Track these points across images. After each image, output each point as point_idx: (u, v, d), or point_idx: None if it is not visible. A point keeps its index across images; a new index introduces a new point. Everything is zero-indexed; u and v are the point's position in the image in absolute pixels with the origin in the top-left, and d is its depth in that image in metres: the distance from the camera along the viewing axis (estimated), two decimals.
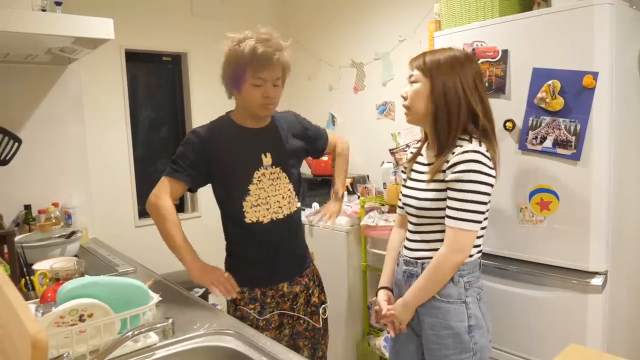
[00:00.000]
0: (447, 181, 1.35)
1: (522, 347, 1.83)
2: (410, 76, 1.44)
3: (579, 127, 1.62)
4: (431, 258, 1.42)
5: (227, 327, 1.34)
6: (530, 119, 1.73)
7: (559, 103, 1.65)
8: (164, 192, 1.57)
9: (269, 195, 1.61)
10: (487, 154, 1.36)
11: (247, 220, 1.59)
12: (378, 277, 2.24)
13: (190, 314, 1.47)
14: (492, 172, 1.36)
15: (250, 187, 1.59)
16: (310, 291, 1.72)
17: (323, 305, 1.76)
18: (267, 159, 1.62)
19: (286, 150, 1.67)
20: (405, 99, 1.45)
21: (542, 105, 1.69)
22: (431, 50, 1.46)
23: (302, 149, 1.75)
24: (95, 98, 2.84)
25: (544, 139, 1.70)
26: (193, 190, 1.64)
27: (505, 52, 1.78)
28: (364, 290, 2.73)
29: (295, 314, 1.68)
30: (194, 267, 1.52)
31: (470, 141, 1.37)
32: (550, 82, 1.66)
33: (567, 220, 1.68)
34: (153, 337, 1.26)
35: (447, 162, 1.36)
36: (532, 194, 1.76)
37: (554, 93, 1.66)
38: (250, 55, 1.48)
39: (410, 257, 1.50)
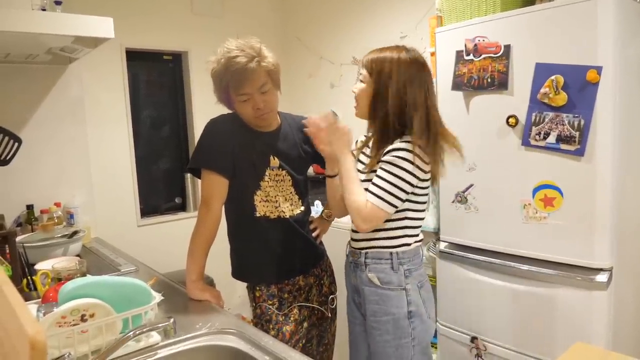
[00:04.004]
0: (380, 161, 1.42)
1: (527, 344, 1.82)
2: (360, 74, 1.48)
3: (582, 122, 1.61)
4: (373, 248, 1.49)
5: (229, 326, 1.33)
6: (534, 114, 1.72)
7: (562, 98, 1.64)
8: (217, 195, 1.59)
9: (277, 194, 1.64)
10: (421, 151, 1.39)
11: (257, 214, 1.62)
12: None
13: (192, 313, 1.47)
14: (424, 167, 1.40)
15: (262, 183, 1.62)
16: (322, 281, 1.76)
17: (331, 296, 1.79)
18: (274, 161, 1.65)
19: (292, 156, 1.69)
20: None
21: (545, 101, 1.68)
22: (382, 48, 1.51)
23: (310, 156, 1.76)
24: (96, 97, 2.84)
25: (547, 134, 1.69)
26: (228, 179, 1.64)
27: (507, 47, 1.77)
28: None
29: (310, 304, 1.71)
30: (194, 287, 1.58)
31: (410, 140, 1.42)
32: (553, 77, 1.65)
33: (571, 216, 1.67)
34: (155, 337, 1.25)
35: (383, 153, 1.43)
36: (535, 190, 1.75)
37: (557, 88, 1.64)
38: (227, 75, 1.52)
39: (355, 248, 1.55)
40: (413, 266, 1.49)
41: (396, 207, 1.41)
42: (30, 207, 2.42)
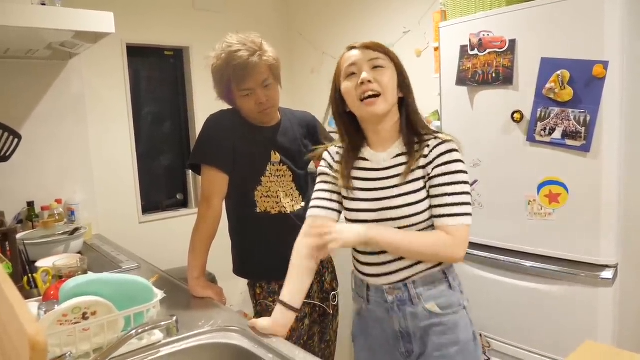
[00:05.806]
0: (433, 177, 1.18)
1: (531, 341, 1.81)
2: (376, 59, 1.21)
3: (588, 117, 1.59)
4: (420, 272, 1.22)
5: (232, 324, 1.32)
6: (539, 110, 1.70)
7: (568, 93, 1.62)
8: (218, 191, 1.58)
9: (278, 190, 1.63)
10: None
11: (258, 210, 1.61)
12: None
13: (194, 310, 1.46)
14: None
15: (263, 178, 1.61)
16: (323, 278, 1.74)
17: (333, 292, 1.77)
18: (275, 156, 1.64)
19: (293, 151, 1.68)
20: (370, 82, 1.19)
21: (551, 96, 1.66)
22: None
23: (310, 151, 1.74)
24: (97, 93, 2.82)
25: (552, 130, 1.67)
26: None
27: (512, 42, 1.75)
28: None
29: (311, 301, 1.69)
30: (196, 284, 1.57)
31: (432, 133, 1.23)
32: (559, 72, 1.63)
33: (576, 212, 1.66)
34: (157, 335, 1.24)
35: (425, 156, 1.20)
36: (540, 186, 1.73)
37: (563, 83, 1.62)
38: (228, 70, 1.50)
39: (393, 282, 1.24)
40: (459, 278, 1.27)
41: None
42: (31, 204, 2.41)
